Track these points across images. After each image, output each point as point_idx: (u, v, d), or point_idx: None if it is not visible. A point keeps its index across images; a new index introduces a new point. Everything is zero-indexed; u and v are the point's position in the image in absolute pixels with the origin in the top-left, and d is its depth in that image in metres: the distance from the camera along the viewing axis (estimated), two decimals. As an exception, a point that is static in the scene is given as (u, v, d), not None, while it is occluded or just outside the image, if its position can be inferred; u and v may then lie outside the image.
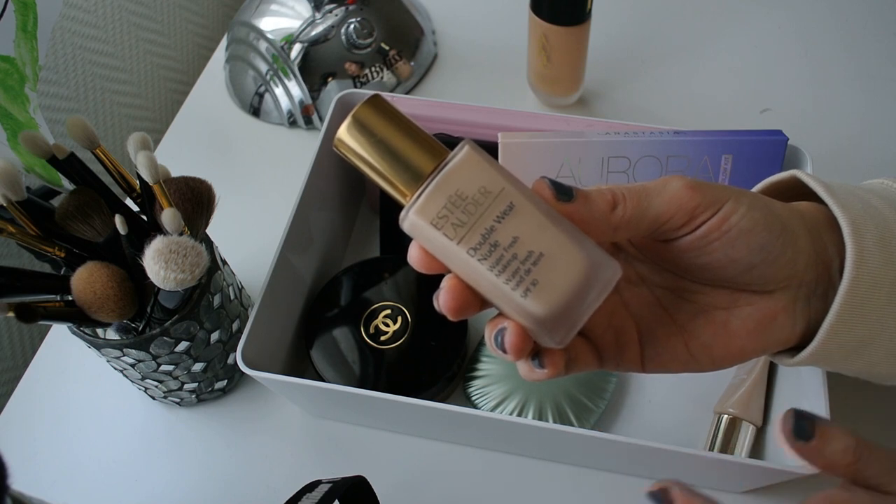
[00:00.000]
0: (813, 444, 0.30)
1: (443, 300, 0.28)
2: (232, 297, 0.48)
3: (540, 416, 0.47)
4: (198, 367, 0.47)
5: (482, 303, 0.28)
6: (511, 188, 0.27)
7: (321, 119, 0.66)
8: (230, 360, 0.50)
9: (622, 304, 0.34)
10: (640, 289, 0.34)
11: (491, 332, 0.29)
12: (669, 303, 0.34)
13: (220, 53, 0.73)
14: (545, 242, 0.27)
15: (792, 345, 0.34)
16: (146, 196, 0.43)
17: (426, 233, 0.27)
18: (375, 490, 0.41)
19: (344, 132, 0.28)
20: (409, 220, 0.27)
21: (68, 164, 0.43)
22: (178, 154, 0.66)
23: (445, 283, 0.28)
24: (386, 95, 0.53)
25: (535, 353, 0.30)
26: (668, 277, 0.34)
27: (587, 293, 0.28)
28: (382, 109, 0.28)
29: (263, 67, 0.66)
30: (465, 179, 0.27)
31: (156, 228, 0.42)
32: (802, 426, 0.31)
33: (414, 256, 0.28)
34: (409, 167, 0.28)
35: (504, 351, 0.28)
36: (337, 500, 0.38)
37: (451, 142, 0.54)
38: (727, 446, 0.46)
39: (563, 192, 0.29)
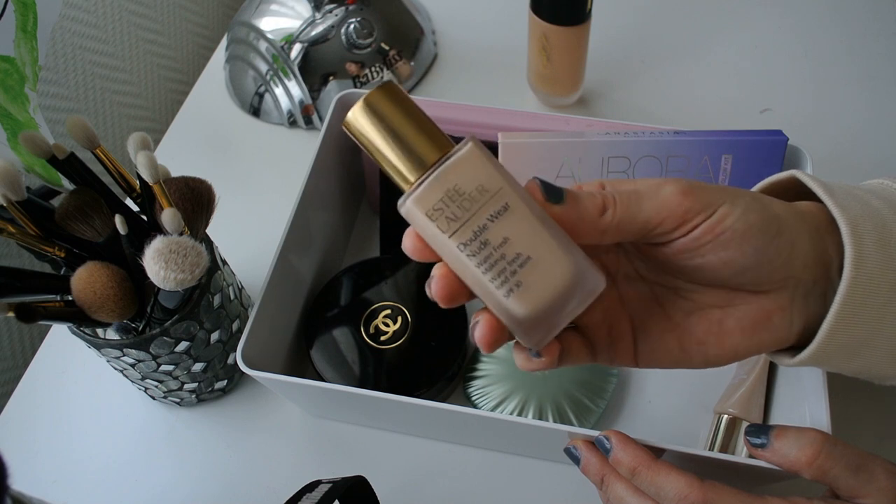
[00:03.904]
0: (770, 447, 0.32)
1: (434, 288, 0.29)
2: (232, 297, 0.48)
3: (540, 416, 0.47)
4: (198, 367, 0.47)
5: (472, 293, 0.29)
6: (508, 189, 0.28)
7: (321, 119, 0.66)
8: (230, 360, 0.50)
9: (619, 298, 0.34)
10: (637, 284, 0.35)
11: (470, 323, 0.30)
12: (665, 299, 0.34)
13: (220, 53, 0.73)
14: (535, 247, 0.28)
15: (790, 344, 0.34)
16: (146, 196, 0.43)
17: (421, 222, 0.28)
18: (375, 490, 0.41)
19: (354, 114, 0.28)
20: (406, 208, 0.28)
21: (68, 164, 0.43)
22: (178, 154, 0.66)
23: (436, 271, 0.29)
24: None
25: None
26: (665, 275, 0.34)
27: (568, 301, 0.28)
28: (394, 96, 0.28)
29: (263, 67, 0.66)
30: (465, 175, 0.28)
31: (156, 228, 0.42)
32: (758, 429, 0.34)
33: (408, 244, 0.29)
34: (413, 155, 0.28)
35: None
36: (337, 500, 0.38)
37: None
38: (727, 446, 0.46)
39: (552, 194, 0.29)
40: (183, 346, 0.45)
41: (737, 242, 0.30)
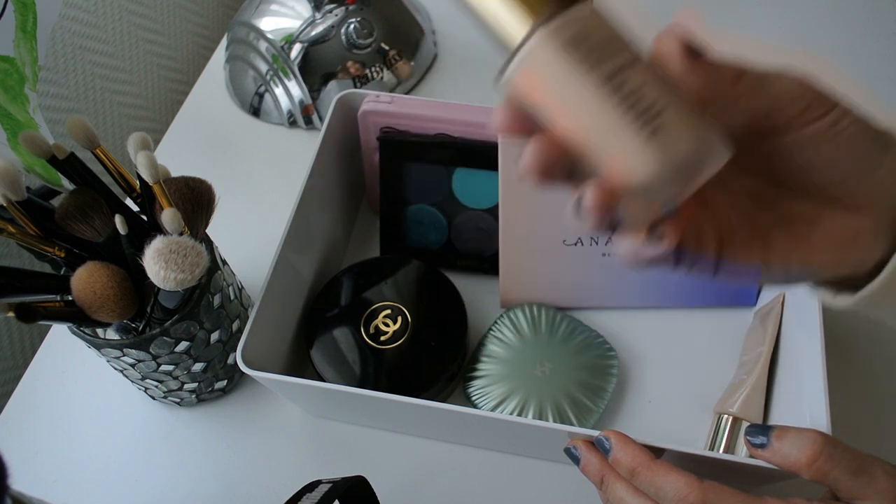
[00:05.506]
0: (770, 447, 0.32)
1: (529, 156, 0.26)
2: (232, 297, 0.48)
3: (540, 416, 0.47)
4: (198, 367, 0.47)
5: (569, 172, 0.27)
6: (634, 44, 0.26)
7: (321, 119, 0.66)
8: (230, 360, 0.50)
9: (706, 204, 0.32)
10: (724, 192, 0.33)
11: (573, 198, 0.27)
12: (752, 210, 0.33)
13: (220, 53, 0.73)
14: (668, 99, 0.26)
15: (867, 270, 0.32)
16: (146, 196, 0.43)
17: (547, 60, 0.25)
18: (375, 490, 0.41)
19: None
20: (531, 45, 0.25)
21: (68, 164, 0.43)
22: (178, 154, 0.66)
23: (535, 141, 0.26)
24: (384, 96, 0.53)
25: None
26: (754, 183, 0.33)
27: (704, 158, 0.26)
28: None
29: (263, 67, 0.66)
30: (597, 23, 0.25)
31: (156, 228, 0.42)
32: (758, 429, 0.34)
33: (502, 115, 0.27)
34: None
35: (582, 212, 0.26)
36: (337, 500, 0.38)
37: (451, 142, 0.53)
38: (727, 446, 0.46)
39: (697, 47, 0.27)
40: (183, 346, 0.45)
41: (850, 143, 0.29)
